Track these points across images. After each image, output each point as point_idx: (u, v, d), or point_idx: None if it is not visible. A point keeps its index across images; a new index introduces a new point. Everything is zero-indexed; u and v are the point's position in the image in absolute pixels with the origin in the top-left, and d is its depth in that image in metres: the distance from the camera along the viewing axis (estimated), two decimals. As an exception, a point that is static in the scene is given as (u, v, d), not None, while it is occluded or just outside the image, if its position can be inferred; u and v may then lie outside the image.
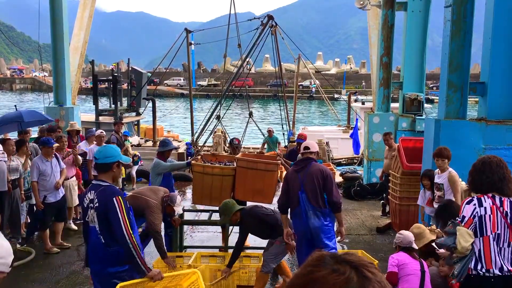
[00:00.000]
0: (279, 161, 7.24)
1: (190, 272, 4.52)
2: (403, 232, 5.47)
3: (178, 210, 6.24)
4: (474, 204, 3.89)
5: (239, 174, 6.89)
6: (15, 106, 11.03)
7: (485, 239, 3.85)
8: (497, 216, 3.84)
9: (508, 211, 3.86)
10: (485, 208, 3.85)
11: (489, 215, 3.83)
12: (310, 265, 1.03)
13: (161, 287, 4.33)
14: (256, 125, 11.31)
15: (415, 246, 5.30)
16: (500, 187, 3.88)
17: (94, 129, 11.40)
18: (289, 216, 5.81)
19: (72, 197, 8.94)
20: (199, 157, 7.60)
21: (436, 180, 6.58)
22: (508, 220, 3.84)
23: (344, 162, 18.58)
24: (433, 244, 5.00)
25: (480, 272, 3.88)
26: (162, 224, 7.19)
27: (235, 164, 7.29)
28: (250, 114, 9.28)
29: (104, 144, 9.83)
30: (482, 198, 3.90)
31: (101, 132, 10.26)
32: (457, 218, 4.02)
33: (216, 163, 7.54)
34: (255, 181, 6.84)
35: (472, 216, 3.87)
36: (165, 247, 5.96)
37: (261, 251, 7.23)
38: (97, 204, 4.01)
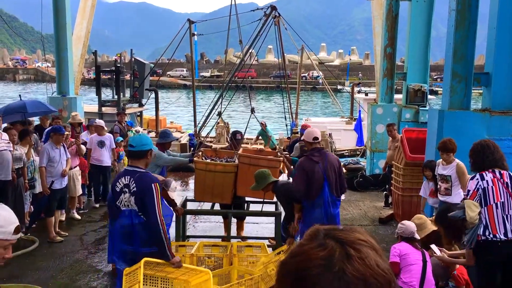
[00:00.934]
0: (281, 158, 7.16)
1: (204, 271, 4.57)
2: (405, 222, 5.48)
3: (172, 195, 6.22)
4: (477, 179, 4.37)
5: (241, 170, 6.83)
6: (20, 95, 11.02)
7: (489, 208, 4.29)
8: (499, 187, 4.35)
9: (509, 182, 4.38)
10: (486, 181, 4.35)
11: (491, 187, 4.33)
12: (304, 239, 1.05)
13: (174, 275, 4.41)
14: (258, 121, 11.29)
15: (417, 236, 5.31)
16: (502, 163, 4.45)
17: (96, 119, 11.40)
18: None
19: (75, 187, 8.99)
20: (200, 153, 7.54)
21: (441, 171, 6.52)
22: (510, 189, 4.35)
23: (347, 153, 18.55)
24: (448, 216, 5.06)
25: (488, 237, 4.32)
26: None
27: (235, 159, 7.30)
28: (252, 110, 9.19)
29: (105, 133, 9.92)
30: (484, 173, 4.40)
31: (100, 121, 10.28)
32: (465, 195, 4.52)
33: (216, 158, 7.48)
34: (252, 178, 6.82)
35: (476, 189, 4.37)
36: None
37: (263, 241, 7.28)
38: (135, 189, 4.19)
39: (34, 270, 6.60)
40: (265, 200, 6.78)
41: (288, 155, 7.98)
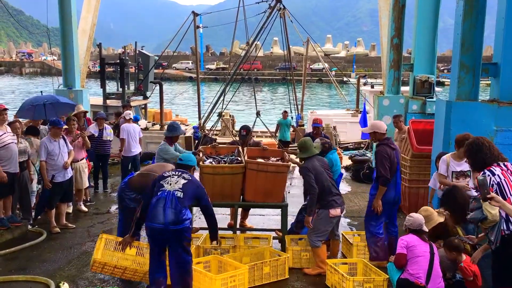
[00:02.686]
0: (289, 163, 7.07)
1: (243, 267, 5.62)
2: (413, 214, 5.45)
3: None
4: (489, 175, 4.16)
5: (249, 176, 6.78)
6: (41, 92, 11.00)
7: (508, 201, 4.03)
8: (511, 178, 4.19)
9: None
10: (498, 175, 4.18)
11: (504, 180, 4.16)
12: None
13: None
14: (264, 124, 11.23)
15: (425, 228, 5.29)
16: (502, 157, 4.34)
17: (103, 112, 11.44)
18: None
19: (82, 179, 9.03)
20: (200, 154, 7.45)
21: (457, 168, 6.28)
22: None
23: (351, 146, 18.49)
24: (467, 218, 4.98)
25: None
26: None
27: (236, 155, 7.27)
28: (258, 113, 9.13)
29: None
30: (491, 168, 4.22)
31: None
32: (476, 193, 4.47)
33: (217, 156, 7.39)
34: (266, 183, 6.75)
35: (490, 186, 4.13)
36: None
37: (269, 233, 7.28)
38: (187, 183, 5.15)
39: (42, 262, 6.64)
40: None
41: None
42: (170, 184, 5.12)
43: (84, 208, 9.14)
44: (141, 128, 12.69)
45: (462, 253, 5.31)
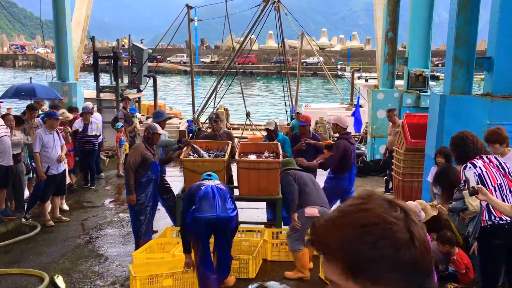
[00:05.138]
0: (280, 159, 6.94)
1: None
2: (409, 202, 5.42)
3: (163, 132, 6.97)
4: (470, 167, 4.34)
5: (241, 175, 6.76)
6: (30, 78, 11.06)
7: (489, 192, 4.12)
8: (492, 170, 4.34)
9: (498, 164, 4.41)
10: (479, 167, 4.33)
11: (485, 171, 4.31)
12: (360, 197, 1.06)
13: None
14: (254, 126, 11.16)
15: (422, 215, 5.23)
16: (485, 150, 4.51)
17: (89, 106, 11.25)
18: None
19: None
20: (185, 148, 7.40)
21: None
22: (502, 171, 4.36)
23: (345, 139, 18.48)
24: (447, 208, 5.06)
25: (494, 221, 4.26)
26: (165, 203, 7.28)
27: (226, 151, 7.18)
28: (248, 114, 9.01)
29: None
30: (473, 161, 4.39)
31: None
32: (460, 184, 4.48)
33: (206, 151, 7.33)
34: (259, 179, 6.75)
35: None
36: (132, 186, 6.32)
37: (263, 226, 7.31)
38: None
39: (36, 255, 6.64)
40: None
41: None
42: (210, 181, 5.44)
43: (65, 207, 8.70)
44: (138, 122, 12.73)
45: (455, 246, 5.35)
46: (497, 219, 4.24)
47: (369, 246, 0.96)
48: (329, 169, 7.31)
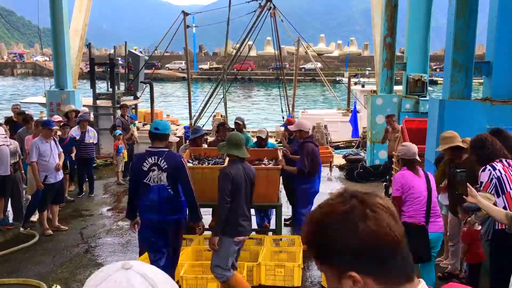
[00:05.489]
0: (280, 166, 6.87)
1: None
2: (406, 143, 5.22)
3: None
4: (489, 170, 4.32)
5: None
6: None
7: (507, 195, 4.22)
8: (511, 174, 4.30)
9: None
10: (499, 170, 4.31)
11: (505, 175, 4.29)
12: (333, 195, 1.22)
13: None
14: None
15: (419, 158, 5.05)
16: (503, 153, 4.46)
17: (86, 114, 11.18)
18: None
19: None
20: (186, 150, 7.40)
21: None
22: None
23: (342, 145, 18.53)
24: (461, 208, 4.92)
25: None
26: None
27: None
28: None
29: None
30: (493, 164, 4.36)
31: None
32: (476, 185, 4.37)
33: (205, 158, 7.28)
34: (258, 185, 6.70)
35: (489, 180, 4.30)
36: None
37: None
38: (166, 166, 4.82)
39: (34, 264, 6.58)
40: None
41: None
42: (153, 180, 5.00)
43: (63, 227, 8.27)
44: (136, 129, 12.70)
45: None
46: None
47: (321, 236, 1.15)
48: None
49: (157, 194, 4.88)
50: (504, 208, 4.16)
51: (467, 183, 4.15)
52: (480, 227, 4.67)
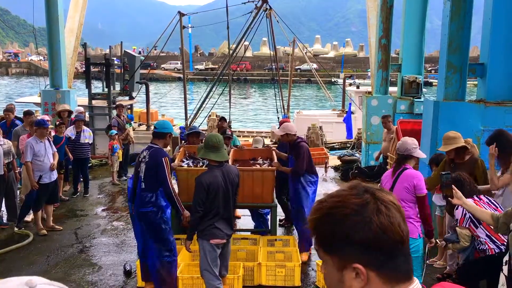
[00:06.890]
0: (274, 167, 6.85)
1: None
2: (405, 138, 5.06)
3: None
4: (461, 207, 4.51)
5: None
6: None
7: (484, 224, 4.45)
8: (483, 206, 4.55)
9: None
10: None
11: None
12: (345, 187, 1.24)
13: None
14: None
15: (416, 154, 4.90)
16: (478, 190, 4.89)
17: (81, 113, 11.16)
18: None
19: None
20: (181, 149, 7.42)
21: None
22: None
23: (337, 146, 18.58)
24: (443, 239, 5.24)
25: (500, 247, 4.47)
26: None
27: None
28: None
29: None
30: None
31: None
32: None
33: (199, 160, 7.27)
34: (253, 186, 6.70)
35: (463, 216, 4.68)
36: None
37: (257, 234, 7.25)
38: (147, 159, 5.17)
39: (28, 264, 6.56)
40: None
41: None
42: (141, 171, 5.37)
43: (28, 219, 8.35)
44: (132, 129, 12.70)
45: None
46: (503, 246, 4.43)
47: (332, 224, 1.15)
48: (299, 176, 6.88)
49: (131, 184, 5.44)
50: (487, 236, 4.52)
51: (452, 185, 4.32)
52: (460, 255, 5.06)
